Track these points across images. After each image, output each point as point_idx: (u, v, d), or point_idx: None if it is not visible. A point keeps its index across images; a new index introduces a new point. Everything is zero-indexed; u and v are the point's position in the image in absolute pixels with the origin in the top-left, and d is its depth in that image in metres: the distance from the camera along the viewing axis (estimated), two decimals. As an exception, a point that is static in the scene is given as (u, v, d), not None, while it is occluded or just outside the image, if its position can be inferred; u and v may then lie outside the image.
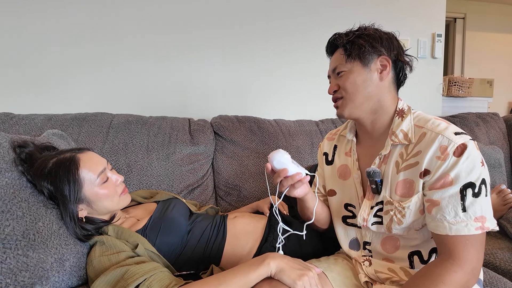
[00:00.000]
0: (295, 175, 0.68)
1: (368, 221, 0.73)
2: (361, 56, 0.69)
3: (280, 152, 0.70)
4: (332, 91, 0.75)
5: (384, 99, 0.71)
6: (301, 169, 0.70)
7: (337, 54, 0.74)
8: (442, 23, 1.83)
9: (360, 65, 0.70)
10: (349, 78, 0.71)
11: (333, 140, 0.89)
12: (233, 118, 1.36)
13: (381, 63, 0.70)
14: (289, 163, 0.69)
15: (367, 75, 0.70)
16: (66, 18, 1.39)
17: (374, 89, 0.70)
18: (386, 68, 0.70)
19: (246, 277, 0.62)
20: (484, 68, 3.53)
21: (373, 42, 0.69)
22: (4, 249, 0.62)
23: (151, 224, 0.83)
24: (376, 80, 0.70)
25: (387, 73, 0.70)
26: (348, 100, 0.72)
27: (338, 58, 0.73)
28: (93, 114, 1.21)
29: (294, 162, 0.70)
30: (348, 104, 0.72)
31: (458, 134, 0.62)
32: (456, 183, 0.60)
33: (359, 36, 0.70)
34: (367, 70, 0.70)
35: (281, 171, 0.68)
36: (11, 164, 0.71)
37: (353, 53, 0.70)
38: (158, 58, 1.49)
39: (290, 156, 0.71)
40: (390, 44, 0.71)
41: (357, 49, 0.69)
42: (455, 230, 0.59)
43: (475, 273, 0.59)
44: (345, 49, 0.71)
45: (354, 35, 0.71)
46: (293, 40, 1.62)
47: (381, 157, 0.71)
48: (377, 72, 0.70)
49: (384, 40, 0.70)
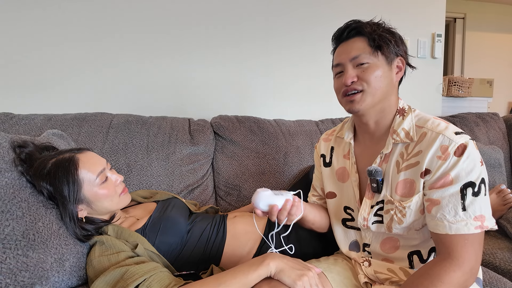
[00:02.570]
0: (286, 204, 0.69)
1: (368, 221, 0.73)
2: (387, 53, 0.68)
3: (259, 193, 0.69)
4: (350, 82, 0.67)
5: (392, 98, 0.71)
6: (286, 195, 0.70)
7: (357, 42, 0.68)
8: (442, 23, 1.83)
9: (385, 61, 0.68)
10: (375, 71, 0.66)
11: (329, 141, 0.88)
12: (233, 118, 1.36)
13: (397, 64, 0.70)
14: (274, 197, 0.69)
15: (388, 73, 0.68)
16: (66, 18, 1.39)
17: (390, 88, 0.70)
18: (401, 70, 0.71)
19: (245, 277, 0.62)
20: (484, 68, 3.53)
21: (398, 41, 0.69)
22: (4, 249, 0.62)
23: (150, 224, 0.83)
24: (393, 80, 0.70)
25: (400, 75, 0.71)
26: (369, 94, 0.67)
27: (360, 47, 0.68)
28: (93, 114, 1.21)
29: (276, 193, 0.70)
30: (368, 99, 0.67)
31: (458, 134, 0.62)
32: (456, 183, 0.60)
33: (387, 30, 0.69)
34: (389, 67, 0.69)
35: (271, 209, 0.69)
36: (11, 164, 0.71)
37: (383, 47, 0.67)
38: (158, 58, 1.49)
39: (270, 188, 0.71)
40: (405, 47, 0.72)
41: (386, 44, 0.67)
42: (455, 229, 0.59)
43: (473, 272, 0.60)
44: (372, 40, 0.67)
45: (382, 28, 0.69)
46: (293, 39, 1.62)
47: (382, 155, 0.71)
48: (394, 72, 0.70)
49: (403, 42, 0.71)
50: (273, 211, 0.68)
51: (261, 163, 1.28)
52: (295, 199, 0.72)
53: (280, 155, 1.30)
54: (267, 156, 1.29)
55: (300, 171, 1.31)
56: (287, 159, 1.30)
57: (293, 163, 1.30)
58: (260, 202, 0.68)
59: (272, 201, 0.68)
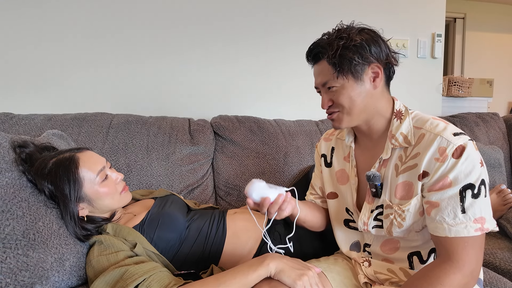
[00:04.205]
0: (278, 198, 0.68)
1: (368, 225, 0.73)
2: (353, 70, 0.65)
3: (254, 183, 0.69)
4: (326, 106, 0.71)
5: (379, 105, 0.69)
6: (280, 189, 0.70)
7: (323, 66, 0.68)
8: (442, 23, 1.83)
9: (353, 80, 0.66)
10: (342, 94, 0.66)
11: (330, 141, 0.87)
12: (233, 118, 1.36)
13: (372, 70, 0.66)
14: (267, 190, 0.68)
15: (360, 88, 0.66)
16: (65, 17, 1.39)
17: (369, 99, 0.68)
18: (378, 75, 0.67)
19: (245, 277, 0.63)
20: (484, 68, 3.53)
21: (362, 52, 0.64)
22: (4, 248, 0.62)
23: (148, 219, 0.83)
24: (370, 90, 0.67)
25: (380, 80, 0.67)
26: (345, 114, 0.69)
27: (325, 72, 0.68)
28: (93, 114, 1.21)
29: (270, 186, 0.70)
30: (345, 118, 0.69)
31: (457, 135, 0.61)
32: (455, 185, 0.59)
33: (346, 47, 0.64)
34: (359, 83, 0.66)
35: (263, 201, 0.68)
36: (11, 164, 0.71)
37: (344, 69, 0.64)
38: (158, 57, 1.49)
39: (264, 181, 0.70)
40: (378, 48, 0.66)
41: (347, 64, 0.64)
42: (454, 231, 0.59)
43: (474, 275, 0.59)
44: (334, 65, 0.65)
45: (339, 47, 0.64)
46: (292, 37, 1.62)
47: (381, 160, 0.70)
48: (370, 81, 0.67)
49: (372, 46, 0.65)
50: (264, 203, 0.68)
51: (261, 163, 1.28)
52: (288, 195, 0.72)
53: (280, 155, 1.30)
54: (267, 156, 1.29)
55: (300, 171, 1.31)
56: (287, 159, 1.30)
57: (293, 163, 1.30)
58: (254, 192, 0.68)
59: (265, 194, 0.68)
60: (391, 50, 0.69)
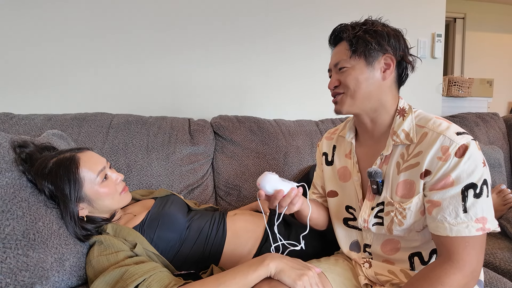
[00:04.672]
0: (290, 191, 0.68)
1: (368, 222, 0.73)
2: (366, 54, 0.67)
3: (268, 175, 0.69)
4: (332, 86, 0.73)
5: (385, 98, 0.70)
6: (292, 184, 0.70)
7: (340, 47, 0.71)
8: (442, 23, 1.83)
9: (364, 63, 0.68)
10: (351, 74, 0.68)
11: (331, 140, 0.88)
12: (233, 118, 1.36)
13: (385, 61, 0.68)
14: (281, 183, 0.68)
15: (369, 74, 0.68)
16: (65, 17, 1.39)
17: (376, 88, 0.69)
18: (389, 67, 0.68)
19: (245, 278, 0.62)
20: (484, 68, 3.53)
21: (380, 40, 0.67)
22: (4, 248, 0.62)
23: (148, 220, 0.83)
24: (378, 79, 0.68)
25: (390, 73, 0.68)
26: (349, 96, 0.70)
27: (341, 52, 0.70)
28: (93, 114, 1.21)
29: (283, 179, 0.70)
30: (347, 101, 0.70)
31: (460, 134, 0.61)
32: (457, 184, 0.59)
33: (366, 31, 0.67)
34: (370, 68, 0.68)
35: (276, 193, 0.68)
36: (11, 164, 0.71)
37: (359, 50, 0.67)
38: (158, 57, 1.49)
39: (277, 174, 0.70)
40: (397, 42, 0.68)
41: (363, 46, 0.67)
42: (455, 231, 0.59)
43: (474, 275, 0.59)
44: (350, 44, 0.68)
45: (361, 29, 0.68)
46: (293, 37, 1.62)
47: (382, 157, 0.70)
48: (381, 70, 0.68)
49: (391, 38, 0.68)
50: (278, 196, 0.68)
51: (261, 163, 1.28)
52: (300, 189, 0.71)
53: (280, 155, 1.30)
54: (267, 156, 1.29)
55: (300, 171, 1.31)
56: (287, 159, 1.30)
57: (293, 163, 1.30)
58: (267, 184, 0.68)
59: (278, 186, 0.68)
60: (409, 51, 0.71)
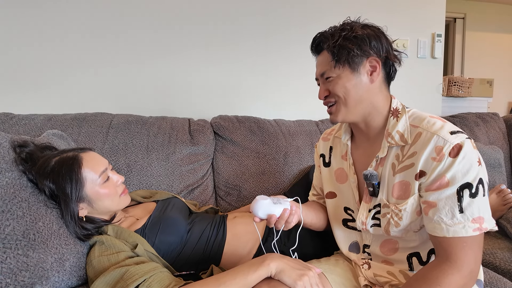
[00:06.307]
0: (283, 213, 0.70)
1: (366, 224, 0.73)
2: (350, 61, 0.66)
3: (259, 201, 0.70)
4: (322, 97, 0.73)
5: (376, 100, 0.69)
6: (285, 203, 0.72)
7: (323, 57, 0.71)
8: (442, 23, 1.83)
9: (349, 70, 0.67)
10: (338, 83, 0.68)
11: (328, 141, 0.88)
12: (233, 118, 1.36)
13: (370, 64, 0.67)
14: (272, 207, 0.70)
15: (356, 80, 0.67)
16: (65, 17, 1.39)
17: (365, 92, 0.68)
18: (376, 70, 0.67)
19: (245, 278, 0.63)
20: (484, 68, 3.54)
21: (362, 44, 0.66)
22: (4, 249, 0.62)
23: (150, 224, 0.83)
24: (366, 83, 0.68)
25: (377, 74, 0.68)
26: (341, 105, 0.69)
27: (325, 62, 0.70)
28: (93, 114, 1.21)
29: (275, 201, 0.71)
30: (342, 109, 0.70)
31: (454, 134, 0.61)
32: (452, 184, 0.59)
33: (346, 38, 0.66)
34: (356, 74, 0.67)
35: (269, 218, 0.70)
36: (12, 164, 0.71)
37: (342, 59, 0.66)
38: (158, 57, 1.49)
39: (268, 196, 0.72)
40: (379, 43, 0.67)
41: (345, 54, 0.66)
42: (452, 231, 0.58)
43: (472, 275, 0.59)
44: (332, 54, 0.67)
45: (340, 37, 0.66)
46: (292, 37, 1.61)
47: (377, 159, 0.70)
48: (367, 74, 0.67)
49: (372, 40, 0.66)
50: (271, 220, 0.70)
51: (261, 163, 1.28)
52: (293, 206, 0.73)
53: (280, 155, 1.30)
54: (267, 156, 1.29)
55: (300, 171, 1.31)
56: (287, 159, 1.30)
57: (293, 163, 1.30)
58: (259, 210, 0.70)
59: (270, 211, 0.70)
60: (393, 48, 0.70)
